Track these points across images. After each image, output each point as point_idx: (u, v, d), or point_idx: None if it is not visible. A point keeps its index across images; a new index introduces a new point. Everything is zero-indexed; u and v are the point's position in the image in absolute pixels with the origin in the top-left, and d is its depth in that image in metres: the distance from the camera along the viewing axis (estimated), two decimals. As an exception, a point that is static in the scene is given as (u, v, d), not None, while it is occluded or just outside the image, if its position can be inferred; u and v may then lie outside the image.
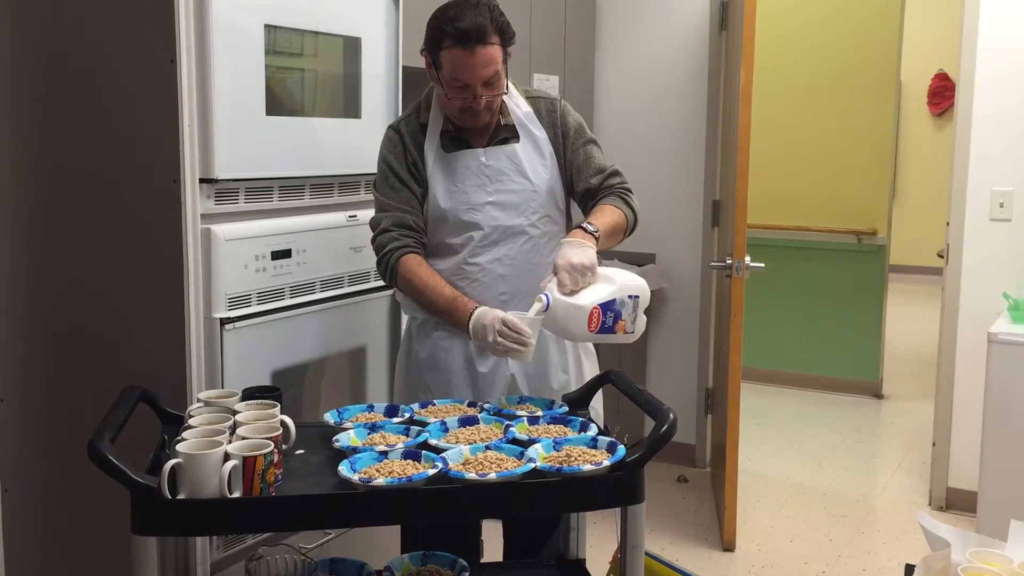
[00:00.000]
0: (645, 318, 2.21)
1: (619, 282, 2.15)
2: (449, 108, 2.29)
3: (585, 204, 2.42)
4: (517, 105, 2.38)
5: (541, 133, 2.38)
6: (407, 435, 1.94)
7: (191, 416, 1.88)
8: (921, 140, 9.75)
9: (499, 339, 2.10)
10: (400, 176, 2.34)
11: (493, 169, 2.34)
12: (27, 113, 2.33)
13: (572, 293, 2.11)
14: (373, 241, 2.35)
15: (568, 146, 2.40)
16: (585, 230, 2.23)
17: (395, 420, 2.04)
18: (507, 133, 2.37)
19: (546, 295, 2.10)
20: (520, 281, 2.34)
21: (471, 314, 2.19)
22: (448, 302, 2.24)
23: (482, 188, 2.33)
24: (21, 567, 2.41)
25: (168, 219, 2.16)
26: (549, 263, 2.30)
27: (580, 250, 2.16)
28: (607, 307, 2.12)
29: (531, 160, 2.36)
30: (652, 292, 4.57)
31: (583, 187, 2.40)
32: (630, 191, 2.42)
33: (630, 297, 2.15)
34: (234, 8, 2.24)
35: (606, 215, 2.31)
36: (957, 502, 4.05)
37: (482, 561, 2.60)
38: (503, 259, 2.34)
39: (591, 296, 2.12)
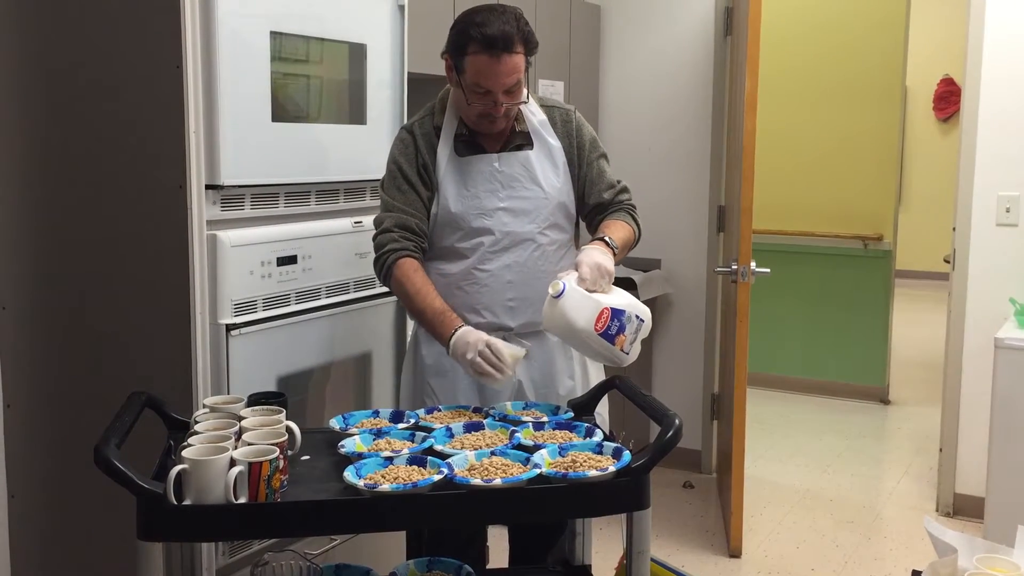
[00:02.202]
0: (640, 348, 2.24)
1: (631, 300, 2.21)
2: (467, 113, 2.30)
3: (593, 217, 2.44)
4: (532, 113, 2.39)
5: (555, 142, 2.39)
6: (412, 441, 1.95)
7: (197, 422, 1.88)
8: (927, 145, 9.74)
9: (478, 359, 2.09)
10: (408, 178, 2.34)
11: (507, 175, 2.34)
12: (33, 119, 2.34)
13: (589, 292, 2.13)
14: (374, 239, 2.35)
15: (584, 159, 2.42)
16: (606, 243, 2.26)
17: (400, 426, 2.04)
18: (521, 140, 2.37)
19: (564, 283, 2.11)
20: (528, 288, 2.34)
21: (456, 329, 2.18)
22: (436, 313, 2.23)
23: (494, 194, 2.34)
24: (27, 572, 2.42)
25: (174, 225, 2.17)
26: (557, 271, 2.31)
27: (603, 256, 2.19)
28: (617, 314, 2.14)
29: (544, 168, 2.37)
30: (657, 297, 4.57)
31: (595, 200, 2.42)
32: (635, 207, 2.47)
33: (637, 318, 2.20)
34: (240, 15, 2.25)
35: (620, 230, 2.35)
36: (964, 508, 4.03)
37: (488, 567, 2.60)
38: (512, 266, 2.34)
39: (606, 298, 2.15)
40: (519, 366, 2.19)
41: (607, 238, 2.28)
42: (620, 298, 2.19)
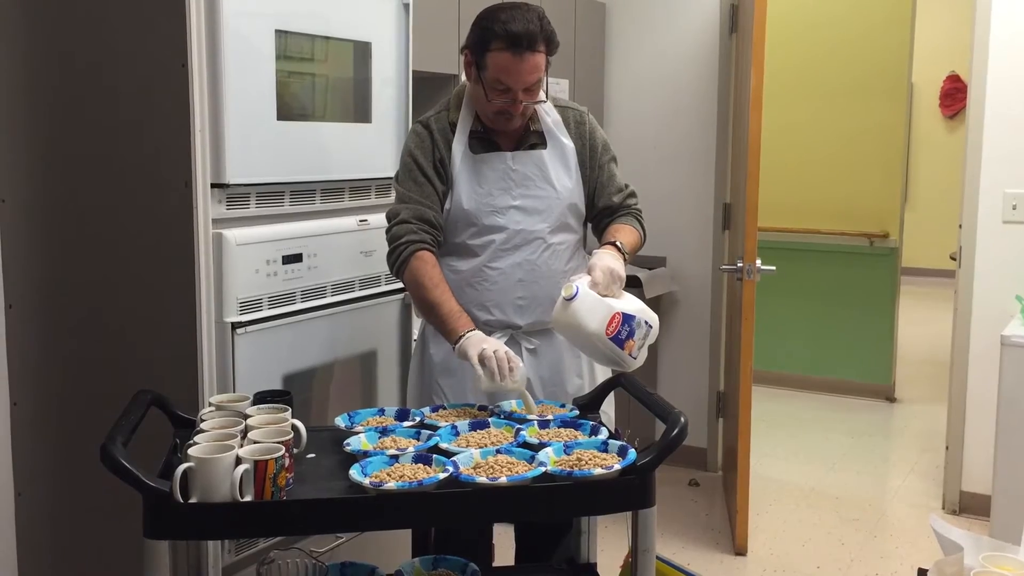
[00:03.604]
0: (647, 354, 2.25)
1: (641, 306, 2.22)
2: (485, 109, 2.30)
3: (601, 220, 2.44)
4: (546, 112, 2.39)
5: (568, 143, 2.39)
6: (418, 439, 1.95)
7: (203, 420, 1.89)
8: (933, 142, 9.71)
9: (492, 355, 2.08)
10: (425, 171, 2.34)
11: (520, 174, 2.35)
12: (39, 119, 2.34)
13: (601, 296, 2.14)
14: (388, 231, 2.34)
15: (595, 161, 2.42)
16: (618, 248, 2.27)
17: (406, 424, 2.04)
18: (536, 139, 2.38)
19: (577, 286, 2.11)
20: (537, 287, 2.35)
21: (473, 328, 2.18)
22: (451, 311, 2.22)
23: (507, 192, 2.34)
24: (34, 570, 2.42)
25: (180, 224, 2.17)
26: (567, 271, 2.33)
27: (616, 261, 2.22)
28: (628, 319, 2.16)
29: (556, 168, 2.37)
30: (662, 295, 4.57)
31: (604, 203, 2.43)
32: (641, 212, 2.48)
33: (646, 323, 2.22)
34: (245, 14, 2.25)
35: (629, 235, 2.36)
36: (970, 506, 4.02)
37: (494, 565, 2.60)
38: (523, 264, 2.35)
39: (618, 303, 2.17)
40: (522, 374, 2.18)
41: (618, 243, 2.28)
42: (631, 303, 2.20)
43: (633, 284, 3.93)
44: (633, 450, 1.81)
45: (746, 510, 3.64)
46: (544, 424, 2.03)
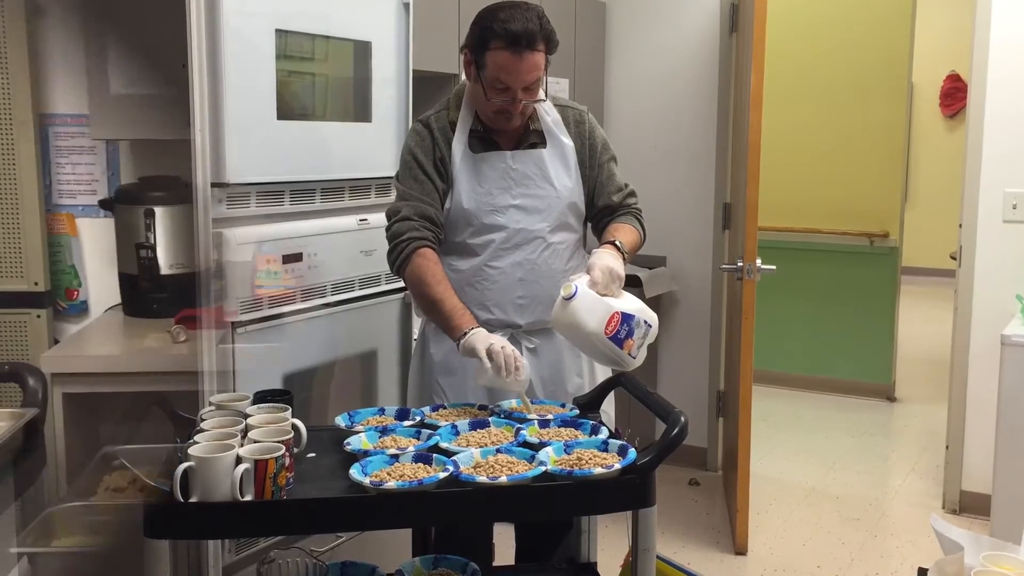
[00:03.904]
0: (646, 353, 2.24)
1: (640, 306, 2.22)
2: (485, 108, 2.30)
3: (601, 219, 2.44)
4: (546, 111, 2.39)
5: (568, 142, 2.39)
6: (418, 438, 1.95)
7: (203, 420, 1.89)
8: (933, 142, 9.71)
9: (499, 350, 2.08)
10: (425, 169, 2.33)
11: (519, 173, 2.35)
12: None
13: (600, 295, 2.14)
14: (389, 229, 2.33)
15: (595, 160, 2.42)
16: (617, 248, 2.26)
17: (406, 423, 2.04)
18: (535, 139, 2.38)
19: (576, 285, 2.11)
20: (537, 286, 2.35)
21: (477, 326, 2.18)
22: (455, 307, 2.22)
23: (507, 191, 2.34)
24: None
25: (180, 223, 2.17)
26: (567, 270, 2.32)
27: (615, 260, 2.21)
28: (627, 319, 2.16)
29: (556, 167, 2.37)
30: (663, 295, 4.56)
31: (604, 203, 2.43)
32: (641, 211, 2.48)
33: (645, 323, 2.21)
34: (245, 13, 2.25)
35: (629, 234, 2.36)
36: (970, 505, 4.02)
37: (494, 565, 2.60)
38: (523, 263, 2.35)
39: (617, 303, 2.16)
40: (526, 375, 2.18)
41: (618, 242, 2.28)
42: (630, 303, 2.20)
43: (633, 284, 3.93)
44: (633, 449, 1.81)
45: (746, 510, 3.64)
46: (544, 424, 2.03)
